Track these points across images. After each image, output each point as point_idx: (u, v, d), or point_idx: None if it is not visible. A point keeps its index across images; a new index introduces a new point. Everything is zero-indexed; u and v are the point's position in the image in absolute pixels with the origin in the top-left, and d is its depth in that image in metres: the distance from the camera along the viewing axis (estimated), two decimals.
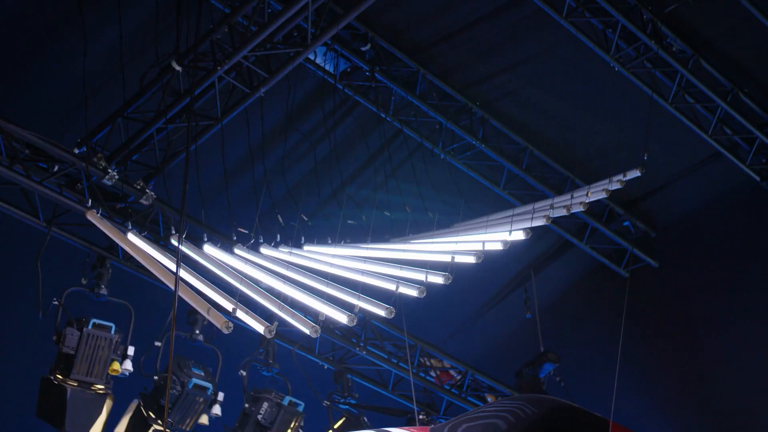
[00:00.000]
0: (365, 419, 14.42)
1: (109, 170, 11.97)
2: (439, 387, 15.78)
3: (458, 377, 15.96)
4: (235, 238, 12.82)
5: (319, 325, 10.56)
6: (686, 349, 17.43)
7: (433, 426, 8.80)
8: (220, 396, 12.39)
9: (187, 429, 12.12)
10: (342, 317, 11.09)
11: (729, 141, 15.58)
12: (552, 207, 13.52)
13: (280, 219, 13.23)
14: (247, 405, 12.91)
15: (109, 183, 12.04)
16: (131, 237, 11.84)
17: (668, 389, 17.65)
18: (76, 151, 11.90)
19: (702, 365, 17.51)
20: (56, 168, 11.79)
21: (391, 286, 11.04)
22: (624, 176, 13.43)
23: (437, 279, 11.07)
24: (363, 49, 14.21)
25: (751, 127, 15.35)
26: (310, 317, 11.07)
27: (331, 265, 11.86)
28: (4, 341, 13.47)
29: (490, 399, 15.85)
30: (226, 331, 10.60)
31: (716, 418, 17.78)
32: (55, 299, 11.52)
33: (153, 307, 12.12)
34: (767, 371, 16.93)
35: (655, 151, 14.24)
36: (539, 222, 12.64)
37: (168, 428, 11.88)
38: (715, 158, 15.95)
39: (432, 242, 12.78)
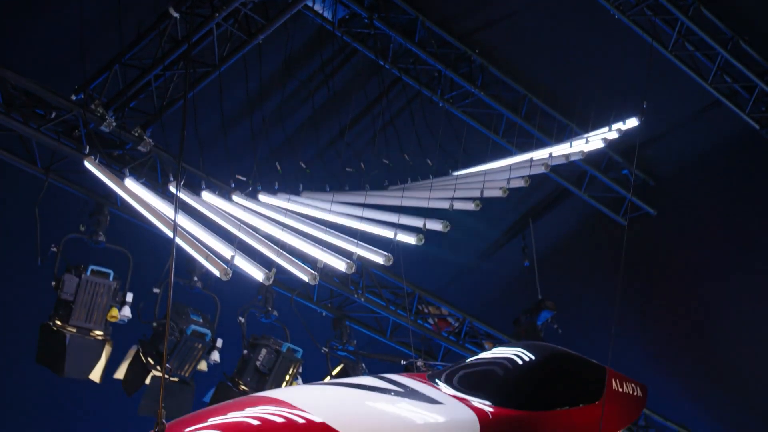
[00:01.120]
0: (363, 366, 14.48)
1: (107, 117, 11.93)
2: (437, 334, 15.82)
3: (456, 324, 16.00)
4: (233, 185, 12.80)
5: (317, 273, 10.59)
6: (683, 298, 17.48)
7: (430, 373, 8.82)
8: (219, 342, 12.43)
9: (186, 375, 12.17)
10: (340, 264, 11.12)
11: (729, 89, 15.53)
12: (550, 155, 13.52)
13: (278, 166, 13.20)
14: (245, 352, 12.95)
15: (107, 130, 12.01)
16: (129, 184, 11.82)
17: (665, 337, 17.73)
18: (74, 98, 11.86)
19: (699, 314, 17.57)
20: (53, 115, 11.75)
21: (389, 234, 11.06)
22: (623, 125, 13.41)
23: (436, 227, 11.08)
24: None
25: (752, 75, 15.29)
26: (308, 264, 11.10)
27: (330, 212, 11.86)
28: (3, 288, 13.49)
29: (487, 346, 15.90)
30: (224, 278, 10.63)
31: (713, 366, 17.87)
32: (53, 246, 11.52)
33: (151, 254, 12.12)
34: (764, 320, 16.99)
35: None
36: (538, 170, 12.64)
37: (167, 374, 11.92)
38: (714, 107, 15.89)
39: (430, 190, 12.77)
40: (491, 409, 7.97)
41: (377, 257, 10.93)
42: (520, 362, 8.87)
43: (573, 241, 17.82)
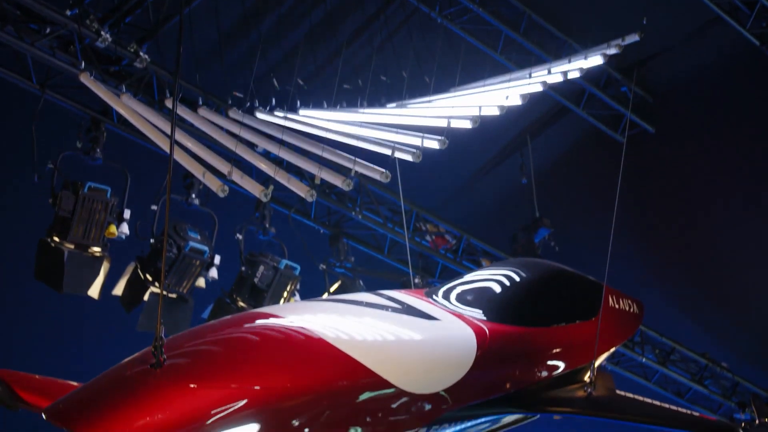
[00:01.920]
0: (361, 283, 14.54)
1: (102, 33, 11.82)
2: (435, 251, 15.88)
3: (453, 242, 16.05)
4: (230, 101, 12.73)
5: (314, 189, 10.57)
6: (682, 217, 17.51)
7: (428, 289, 8.85)
8: (217, 259, 12.46)
9: (184, 291, 12.22)
10: (338, 181, 11.08)
11: (729, 5, 15.33)
12: (549, 72, 13.41)
13: (276, 83, 13.12)
14: (243, 268, 13.00)
15: (102, 45, 11.90)
16: (125, 100, 11.74)
17: (662, 254, 17.79)
18: (68, 13, 11.73)
19: (697, 234, 17.60)
20: (48, 30, 11.64)
21: (386, 151, 10.99)
22: (622, 41, 13.27)
23: (433, 144, 11.02)
24: None
25: None
26: (305, 181, 11.08)
27: (327, 129, 11.80)
28: (1, 204, 13.49)
29: (485, 263, 15.96)
30: (221, 195, 10.60)
31: (709, 283, 17.96)
32: (50, 162, 11.50)
33: (148, 171, 12.09)
34: (761, 239, 17.04)
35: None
36: (536, 87, 12.53)
37: (165, 290, 11.98)
38: (715, 23, 15.72)
39: (428, 107, 12.69)
40: (488, 326, 8.01)
41: (375, 174, 10.88)
42: (517, 279, 8.91)
43: (571, 158, 17.80)
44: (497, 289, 8.74)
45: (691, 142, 17.01)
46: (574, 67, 13.57)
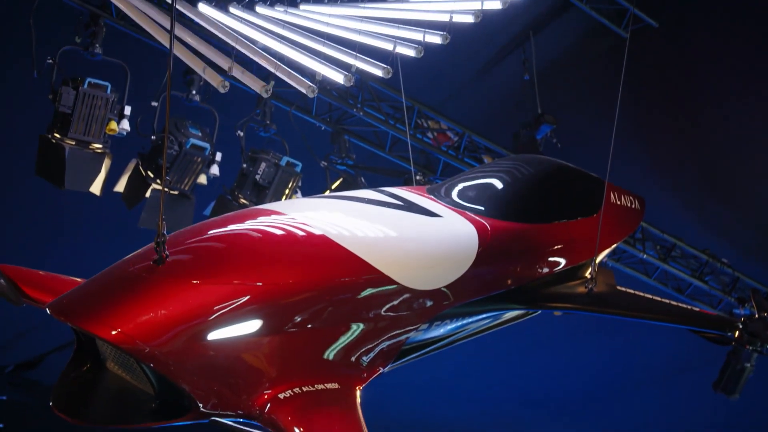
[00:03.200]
0: (362, 180, 14.55)
1: None
2: (436, 148, 15.84)
3: (455, 138, 16.00)
4: None
5: (315, 85, 10.51)
6: (686, 114, 17.42)
7: (429, 186, 8.83)
8: (218, 156, 12.46)
9: (186, 188, 12.24)
10: (339, 77, 11.02)
11: None
12: None
13: None
14: (244, 165, 13.00)
15: None
16: None
17: (664, 151, 17.76)
18: None
19: (701, 130, 17.54)
20: None
21: (388, 46, 10.91)
22: None
23: (435, 39, 10.93)
24: None
25: None
26: (306, 77, 10.99)
27: (328, 24, 11.68)
28: (1, 100, 13.43)
29: (486, 160, 15.93)
30: (222, 90, 10.56)
31: (711, 180, 17.97)
32: (49, 58, 11.42)
33: (148, 66, 12.02)
34: (765, 135, 16.98)
35: None
36: None
37: (167, 187, 11.98)
38: None
39: (430, 1, 12.54)
40: (490, 222, 8.01)
41: (376, 70, 10.81)
42: (519, 175, 8.88)
43: (574, 54, 17.62)
44: (499, 185, 8.71)
45: (696, 39, 16.82)
46: None
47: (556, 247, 8.50)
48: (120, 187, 12.18)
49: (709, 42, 16.68)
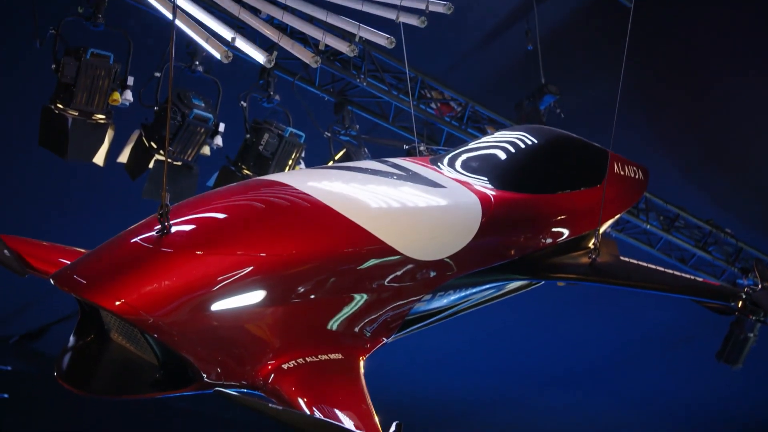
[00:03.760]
0: (366, 150, 14.53)
1: None
2: (440, 119, 15.80)
3: (458, 109, 15.96)
4: None
5: (319, 56, 10.49)
6: (691, 85, 17.36)
7: (432, 157, 8.82)
8: (221, 127, 12.43)
9: (189, 159, 12.23)
10: (342, 47, 11.01)
11: None
12: None
13: None
14: (248, 136, 12.98)
15: None
16: None
17: (668, 121, 17.72)
18: None
19: (706, 100, 17.48)
20: None
21: (391, 15, 10.88)
22: None
23: (438, 8, 10.90)
24: None
25: None
26: (310, 48, 10.98)
27: None
28: (3, 71, 13.41)
29: (490, 131, 15.90)
30: (225, 61, 10.54)
31: (714, 149, 17.94)
32: (52, 28, 11.38)
33: (151, 37, 11.98)
34: None
35: None
36: None
37: (170, 158, 11.97)
38: None
39: None
40: (493, 193, 8.01)
41: (379, 39, 10.79)
42: (522, 146, 8.86)
43: (578, 24, 17.56)
44: (502, 156, 8.70)
45: (702, 6, 16.74)
46: None
47: (559, 218, 8.50)
48: (123, 157, 12.17)
49: (716, 12, 16.61)
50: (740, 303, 8.90)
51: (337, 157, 14.18)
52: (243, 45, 10.76)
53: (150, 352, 6.22)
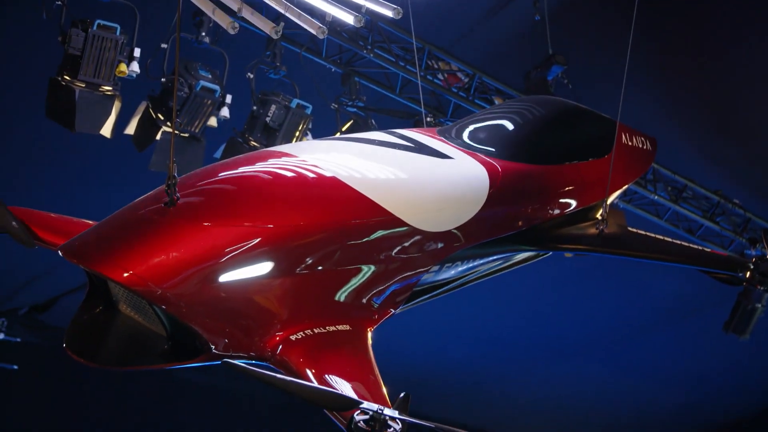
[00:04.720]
0: (373, 122, 14.51)
1: None
2: (447, 90, 15.76)
3: (466, 80, 15.91)
4: None
5: (325, 27, 10.44)
6: (699, 55, 17.25)
7: (440, 128, 8.81)
8: (228, 98, 12.42)
9: (196, 131, 12.22)
10: (349, 18, 10.96)
11: None
12: None
13: None
14: (255, 108, 12.97)
15: None
16: None
17: (677, 91, 17.63)
18: None
19: (715, 71, 17.39)
20: None
21: None
22: None
23: None
24: None
25: None
26: (316, 18, 10.92)
27: None
28: (9, 43, 13.38)
29: (497, 101, 15.86)
30: (231, 32, 10.50)
31: (724, 120, 17.86)
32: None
33: (158, 8, 11.95)
34: None
35: None
36: None
37: (177, 130, 11.97)
38: None
39: None
40: (501, 164, 8.00)
41: (386, 10, 10.74)
42: (530, 117, 8.85)
43: None
44: (510, 126, 8.69)
45: None
46: None
47: (567, 189, 8.49)
48: (130, 129, 12.16)
49: None
50: (748, 273, 8.91)
51: (344, 129, 14.16)
52: (250, 16, 10.71)
53: (158, 323, 6.24)
